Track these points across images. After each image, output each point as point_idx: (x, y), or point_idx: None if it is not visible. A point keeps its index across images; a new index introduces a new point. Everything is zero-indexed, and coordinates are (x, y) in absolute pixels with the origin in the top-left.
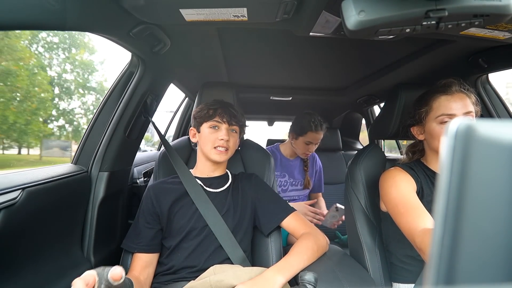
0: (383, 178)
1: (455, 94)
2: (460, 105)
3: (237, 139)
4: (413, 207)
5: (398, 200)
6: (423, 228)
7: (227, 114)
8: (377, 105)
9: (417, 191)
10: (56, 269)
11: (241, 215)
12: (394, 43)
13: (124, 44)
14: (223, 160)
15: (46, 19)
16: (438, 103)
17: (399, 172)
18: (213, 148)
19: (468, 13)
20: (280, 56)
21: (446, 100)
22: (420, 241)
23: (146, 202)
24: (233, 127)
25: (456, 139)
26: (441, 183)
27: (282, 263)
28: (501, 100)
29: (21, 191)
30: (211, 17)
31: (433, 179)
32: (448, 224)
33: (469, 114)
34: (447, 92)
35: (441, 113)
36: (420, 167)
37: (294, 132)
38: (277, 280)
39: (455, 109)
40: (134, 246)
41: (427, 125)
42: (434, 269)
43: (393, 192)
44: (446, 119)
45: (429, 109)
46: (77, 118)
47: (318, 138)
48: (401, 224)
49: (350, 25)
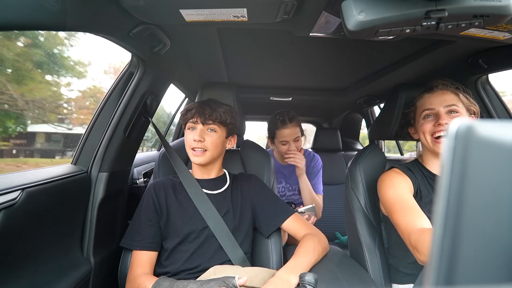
0: (381, 180)
1: (436, 91)
2: (440, 100)
3: (217, 139)
4: (411, 207)
5: (395, 200)
6: (421, 228)
7: (200, 114)
8: (377, 105)
9: (414, 192)
10: (56, 270)
11: (241, 216)
12: (394, 44)
13: (124, 44)
14: (201, 161)
15: (46, 19)
16: (420, 102)
17: (396, 174)
18: (191, 149)
19: (468, 14)
20: (280, 57)
21: (427, 97)
22: (416, 239)
23: (147, 199)
24: (210, 126)
25: (456, 140)
26: (441, 183)
27: (291, 263)
28: (501, 101)
29: (21, 191)
30: (211, 18)
31: (430, 180)
32: (448, 224)
33: (452, 108)
34: (429, 90)
35: (423, 109)
36: (418, 168)
37: (268, 137)
38: (292, 280)
39: (434, 104)
40: (135, 243)
41: (416, 124)
42: (434, 269)
43: (391, 192)
44: (427, 114)
45: (414, 108)
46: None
47: (290, 134)
48: (398, 222)
49: (350, 26)
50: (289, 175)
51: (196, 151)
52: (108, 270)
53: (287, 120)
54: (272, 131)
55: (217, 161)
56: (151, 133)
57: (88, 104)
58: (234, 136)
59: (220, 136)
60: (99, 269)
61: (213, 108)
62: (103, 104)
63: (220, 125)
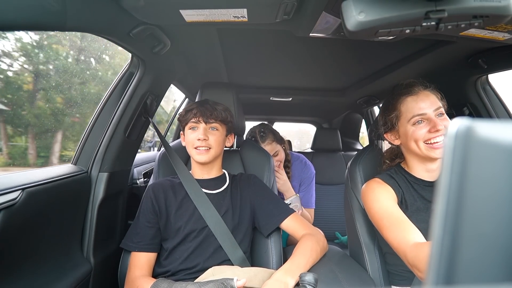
0: (364, 192)
1: (419, 93)
2: (428, 103)
3: (220, 137)
4: (398, 220)
5: (382, 214)
6: (414, 243)
7: (202, 113)
8: (376, 105)
9: (399, 201)
10: (56, 270)
11: (240, 216)
12: (394, 44)
13: (124, 44)
14: (206, 160)
15: (46, 19)
16: (405, 106)
17: (378, 185)
18: (194, 148)
19: (468, 14)
20: (280, 57)
21: (413, 101)
22: (412, 256)
23: (146, 201)
24: (212, 125)
25: (456, 140)
26: (441, 184)
27: (289, 264)
28: (501, 101)
29: (21, 191)
30: (211, 18)
31: (415, 186)
32: (448, 224)
33: (439, 110)
34: (411, 93)
35: (412, 115)
36: (401, 174)
37: None
38: (289, 282)
39: (424, 108)
40: (133, 245)
41: (401, 129)
42: (434, 269)
43: (375, 206)
44: (418, 120)
45: (398, 113)
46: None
47: (270, 150)
48: (389, 239)
49: (350, 26)
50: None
51: (200, 150)
52: (108, 271)
53: (259, 139)
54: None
55: (217, 159)
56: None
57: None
58: (232, 135)
59: (221, 134)
60: (99, 269)
61: (213, 107)
62: (103, 104)
63: (221, 123)
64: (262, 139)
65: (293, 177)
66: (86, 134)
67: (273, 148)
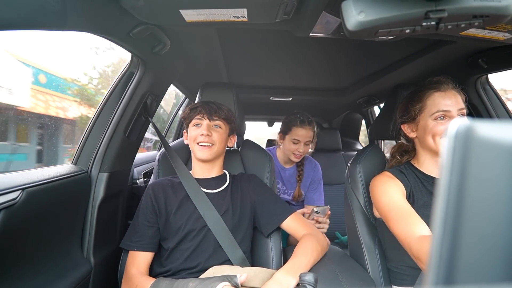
0: (373, 185)
1: (448, 91)
2: (454, 102)
3: (223, 134)
4: (406, 213)
5: (390, 207)
6: (420, 236)
7: (206, 110)
8: (376, 105)
9: (407, 195)
10: (56, 270)
11: (240, 216)
12: (393, 44)
13: (124, 44)
14: (208, 156)
15: (46, 19)
16: (432, 100)
17: (388, 178)
18: (196, 144)
19: (468, 14)
20: (280, 57)
21: (440, 97)
22: (417, 249)
23: (145, 200)
24: (216, 122)
25: (456, 140)
26: (441, 184)
27: (290, 264)
28: (501, 101)
29: (21, 191)
30: (211, 18)
31: (425, 182)
32: (448, 224)
33: (462, 111)
34: (440, 88)
35: (436, 109)
36: (411, 170)
37: (281, 131)
38: (290, 282)
39: (450, 106)
40: (132, 244)
41: (421, 122)
42: (434, 269)
43: (384, 199)
44: (441, 115)
45: (423, 106)
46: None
47: (305, 135)
48: (396, 231)
49: (350, 26)
50: (288, 178)
51: (202, 146)
52: (108, 270)
53: (306, 121)
54: (288, 126)
55: (219, 158)
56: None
57: None
58: (234, 136)
59: (224, 132)
60: (99, 269)
61: (218, 106)
62: (103, 104)
63: (225, 121)
64: (310, 123)
65: (305, 175)
66: (86, 134)
67: (310, 136)
